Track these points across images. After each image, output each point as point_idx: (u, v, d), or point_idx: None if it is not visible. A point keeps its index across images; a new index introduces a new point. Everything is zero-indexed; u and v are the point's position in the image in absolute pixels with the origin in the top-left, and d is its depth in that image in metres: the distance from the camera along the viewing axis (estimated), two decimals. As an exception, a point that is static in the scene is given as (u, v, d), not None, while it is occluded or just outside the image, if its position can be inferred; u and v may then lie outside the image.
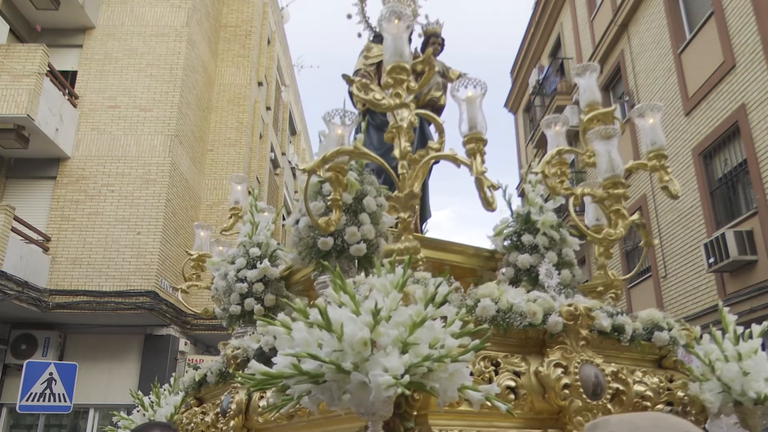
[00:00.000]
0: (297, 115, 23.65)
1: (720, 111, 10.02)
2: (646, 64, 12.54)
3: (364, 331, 1.43)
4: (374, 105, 2.57)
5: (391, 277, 1.61)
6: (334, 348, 1.45)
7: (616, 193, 2.78)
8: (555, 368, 2.15)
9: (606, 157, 2.78)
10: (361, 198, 2.77)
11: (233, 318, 3.44)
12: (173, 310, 11.29)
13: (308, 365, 1.45)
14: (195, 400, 3.45)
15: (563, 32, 17.63)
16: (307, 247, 2.80)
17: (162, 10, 12.74)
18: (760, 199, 8.93)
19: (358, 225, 2.71)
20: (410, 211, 2.54)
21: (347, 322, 1.46)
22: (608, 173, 2.77)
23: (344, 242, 2.71)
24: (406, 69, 2.55)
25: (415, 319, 1.49)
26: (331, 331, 1.45)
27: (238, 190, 4.16)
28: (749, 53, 9.31)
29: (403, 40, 2.57)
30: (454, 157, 2.56)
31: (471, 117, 2.48)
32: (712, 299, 10.00)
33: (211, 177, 13.64)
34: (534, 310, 2.19)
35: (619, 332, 2.42)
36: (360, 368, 1.43)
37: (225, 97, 14.54)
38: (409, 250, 2.44)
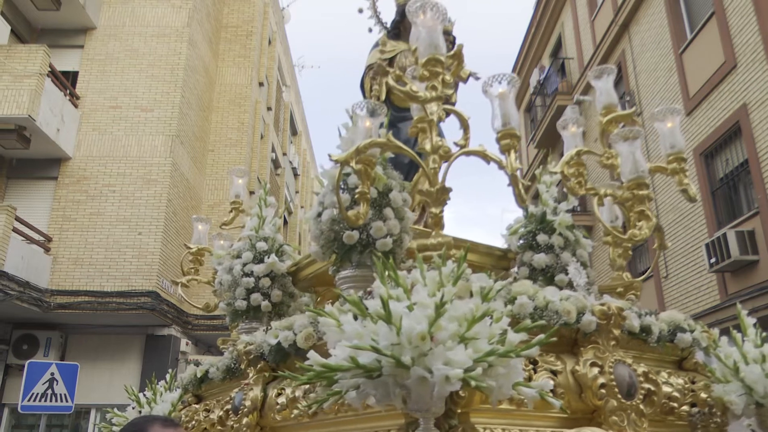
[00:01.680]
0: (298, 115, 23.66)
1: (721, 111, 10.01)
2: (647, 64, 12.53)
3: (423, 325, 1.40)
4: (411, 97, 2.52)
5: (445, 271, 1.57)
6: (392, 341, 1.41)
7: (641, 195, 2.78)
8: (591, 367, 2.14)
9: (630, 158, 2.78)
10: (386, 192, 2.72)
11: (238, 313, 3.40)
12: (174, 310, 11.30)
13: (364, 358, 1.41)
14: (194, 398, 3.41)
15: (564, 32, 17.61)
16: (328, 241, 2.73)
17: (163, 11, 12.76)
18: (761, 198, 8.92)
19: (384, 219, 2.66)
20: (442, 206, 2.51)
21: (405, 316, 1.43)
22: (633, 174, 2.77)
23: (369, 237, 2.65)
24: (442, 61, 2.50)
25: (475, 313, 1.46)
26: (391, 323, 1.42)
27: (239, 184, 4.14)
28: (750, 53, 9.30)
29: (438, 32, 2.53)
30: (484, 153, 2.53)
31: (504, 113, 2.44)
32: (714, 299, 9.99)
33: (212, 177, 13.65)
34: (568, 309, 2.19)
35: (647, 333, 2.43)
36: (418, 362, 1.40)
37: (226, 97, 14.55)
38: (442, 245, 2.39)
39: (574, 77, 16.50)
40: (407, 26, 4.52)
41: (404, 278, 1.61)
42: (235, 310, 3.39)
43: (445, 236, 2.47)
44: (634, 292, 3.01)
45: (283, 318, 3.38)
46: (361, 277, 2.70)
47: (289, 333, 2.51)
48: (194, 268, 4.14)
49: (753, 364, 2.33)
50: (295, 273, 3.45)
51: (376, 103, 2.52)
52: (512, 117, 2.43)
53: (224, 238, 4.17)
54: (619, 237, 2.94)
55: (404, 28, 4.51)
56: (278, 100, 19.10)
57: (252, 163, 14.52)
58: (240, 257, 3.41)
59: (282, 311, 3.43)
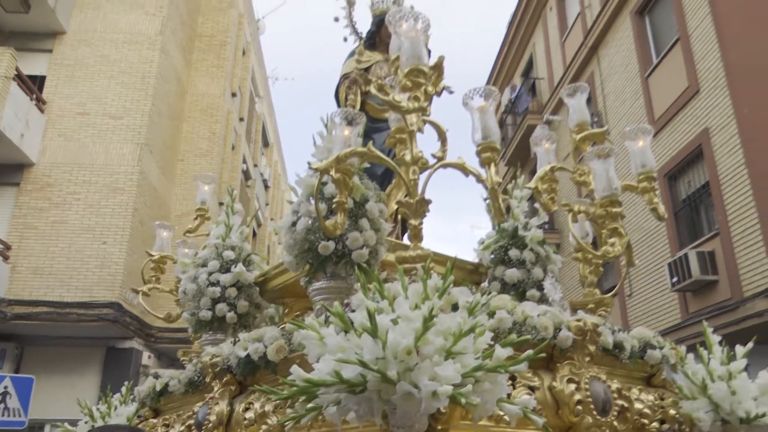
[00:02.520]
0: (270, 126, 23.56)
1: (684, 134, 10.29)
2: (615, 86, 12.83)
3: (409, 339, 1.37)
4: (394, 107, 2.50)
5: (431, 284, 1.54)
6: (378, 356, 1.37)
7: (614, 212, 2.81)
8: (568, 384, 2.15)
9: (604, 175, 2.81)
10: (363, 203, 2.68)
11: (202, 324, 3.31)
12: (137, 322, 11.06)
13: (348, 373, 1.37)
14: (151, 412, 3.29)
15: (536, 53, 17.95)
16: (303, 251, 2.67)
17: (136, 18, 12.62)
18: (721, 220, 9.17)
19: (360, 230, 2.62)
20: (421, 218, 2.48)
21: (390, 329, 1.39)
22: (606, 191, 2.80)
23: (345, 247, 2.61)
24: (425, 72, 2.49)
25: (462, 327, 1.43)
26: (377, 337, 1.38)
27: (205, 191, 4.04)
28: (713, 79, 9.60)
29: (421, 42, 2.51)
30: (463, 165, 2.52)
31: (484, 126, 2.44)
32: (675, 318, 10.20)
33: (181, 187, 13.47)
34: (546, 324, 2.18)
35: (620, 349, 2.44)
36: (404, 377, 1.36)
37: (198, 107, 14.42)
38: (422, 257, 2.36)
39: (545, 97, 16.80)
40: (383, 37, 4.52)
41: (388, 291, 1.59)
42: (199, 320, 3.30)
43: (425, 249, 2.45)
44: (605, 309, 3.04)
45: (249, 329, 3.32)
46: (336, 288, 2.65)
47: (260, 345, 2.45)
48: (155, 276, 4.02)
49: (719, 382, 2.38)
50: (262, 283, 3.38)
51: (355, 111, 2.49)
52: (492, 130, 2.43)
53: (189, 246, 4.05)
54: (592, 254, 2.97)
55: (380, 39, 4.52)
56: (251, 111, 19.00)
57: (222, 173, 14.39)
58: (206, 266, 3.32)
59: (248, 322, 3.36)
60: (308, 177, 2.76)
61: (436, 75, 2.54)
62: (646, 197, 2.92)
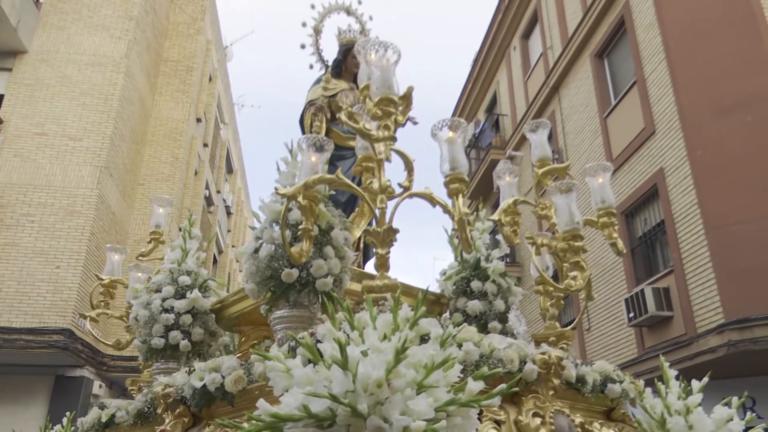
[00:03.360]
0: (235, 153, 23.40)
1: (641, 173, 10.63)
2: (575, 125, 13.21)
3: (380, 371, 1.33)
4: (364, 135, 2.49)
5: (402, 314, 1.50)
6: (348, 389, 1.33)
7: (576, 246, 2.84)
8: (534, 417, 2.13)
9: (566, 210, 2.85)
10: (328, 230, 2.63)
11: (154, 352, 3.17)
12: (89, 349, 10.67)
13: (317, 407, 1.32)
14: None
15: (499, 90, 18.40)
16: (265, 278, 2.59)
17: (101, 40, 12.49)
18: (675, 258, 9.44)
19: (324, 258, 2.56)
20: (388, 247, 2.45)
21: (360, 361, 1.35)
22: (569, 226, 2.83)
23: (309, 275, 2.54)
24: (395, 101, 2.49)
25: (435, 359, 1.39)
26: (347, 369, 1.34)
27: (160, 213, 3.91)
28: (667, 121, 9.99)
29: (391, 72, 2.53)
30: (430, 196, 2.51)
31: (452, 157, 2.44)
32: (632, 352, 10.37)
33: (140, 212, 13.20)
34: (512, 357, 2.17)
35: (582, 383, 2.45)
36: (374, 411, 1.32)
37: (161, 131, 14.26)
38: (389, 287, 2.33)
39: (508, 133, 17.18)
40: (349, 66, 4.57)
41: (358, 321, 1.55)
42: (150, 348, 3.16)
43: (392, 278, 2.42)
44: (566, 342, 3.06)
45: (203, 358, 3.20)
46: (298, 317, 2.59)
47: (217, 375, 2.37)
48: (104, 301, 3.86)
49: (677, 416, 2.41)
50: (218, 310, 3.29)
51: (324, 138, 2.48)
52: (460, 162, 2.44)
53: (142, 270, 3.92)
54: (554, 287, 3.01)
55: (346, 67, 4.57)
56: (215, 137, 18.87)
57: (184, 199, 14.18)
58: (160, 291, 3.20)
59: (202, 351, 3.25)
60: (272, 203, 2.72)
61: (405, 105, 2.56)
62: (606, 232, 2.98)
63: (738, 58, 9.33)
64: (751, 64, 9.21)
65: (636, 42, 11.04)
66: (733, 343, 8.05)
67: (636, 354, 10.22)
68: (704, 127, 9.31)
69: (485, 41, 18.72)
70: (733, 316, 8.15)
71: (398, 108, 2.52)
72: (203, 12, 16.09)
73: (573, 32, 13.26)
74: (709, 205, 8.92)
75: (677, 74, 9.80)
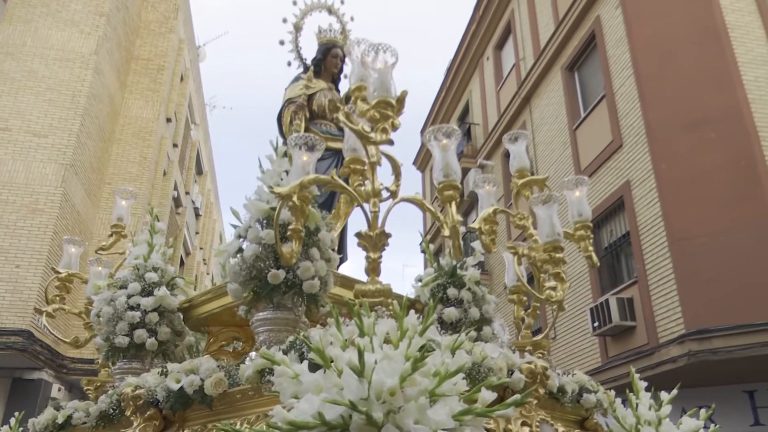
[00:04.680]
0: (205, 154, 23.12)
1: (608, 185, 10.83)
2: (545, 136, 13.41)
3: (394, 379, 1.30)
4: (363, 137, 2.46)
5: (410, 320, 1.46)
6: (362, 396, 1.30)
7: (557, 257, 2.87)
8: (522, 426, 2.15)
9: (548, 221, 2.89)
10: (315, 232, 2.59)
11: (117, 350, 3.05)
12: (48, 351, 10.40)
13: (330, 414, 1.29)
14: None
15: (471, 99, 18.58)
16: (249, 278, 2.52)
17: (69, 35, 12.24)
18: (639, 269, 9.63)
19: (311, 260, 2.52)
20: (380, 251, 2.42)
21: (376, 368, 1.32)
22: (550, 237, 2.86)
23: (296, 277, 2.49)
24: (393, 105, 2.47)
25: (449, 368, 1.37)
26: (363, 376, 1.30)
27: (123, 206, 3.77)
28: (634, 135, 10.21)
29: (389, 75, 2.51)
30: (421, 202, 2.50)
31: (445, 165, 2.42)
32: (596, 361, 10.53)
33: (106, 211, 12.94)
34: (500, 366, 2.18)
35: (563, 393, 2.48)
36: (389, 420, 1.30)
37: (130, 130, 14.01)
38: (381, 292, 2.30)
39: (479, 142, 17.34)
40: (328, 66, 4.54)
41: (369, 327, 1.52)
42: (114, 346, 3.04)
43: (383, 283, 2.39)
44: (542, 351, 3.08)
45: (168, 358, 3.13)
46: (283, 319, 2.54)
47: (195, 377, 2.30)
48: (60, 296, 3.69)
49: (647, 427, 2.45)
50: (186, 310, 3.20)
51: (316, 137, 2.44)
52: (453, 169, 2.42)
53: (103, 265, 3.76)
54: (536, 297, 3.03)
55: (325, 67, 4.54)
56: (185, 138, 18.62)
57: (152, 199, 13.94)
58: (125, 287, 3.10)
59: (168, 351, 3.15)
60: (258, 201, 2.66)
61: (397, 109, 2.54)
62: (582, 245, 3.01)
63: (703, 76, 9.59)
64: (715, 82, 9.49)
65: (606, 57, 11.27)
66: (693, 353, 8.24)
67: (600, 363, 10.38)
68: (670, 142, 9.54)
69: (459, 51, 18.90)
70: (694, 327, 8.35)
71: (396, 111, 2.48)
72: (176, 10, 15.90)
73: (545, 45, 13.48)
74: (673, 218, 9.13)
75: (644, 89, 10.03)
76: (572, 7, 12.37)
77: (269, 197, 2.64)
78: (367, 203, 2.48)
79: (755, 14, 10.13)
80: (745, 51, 9.73)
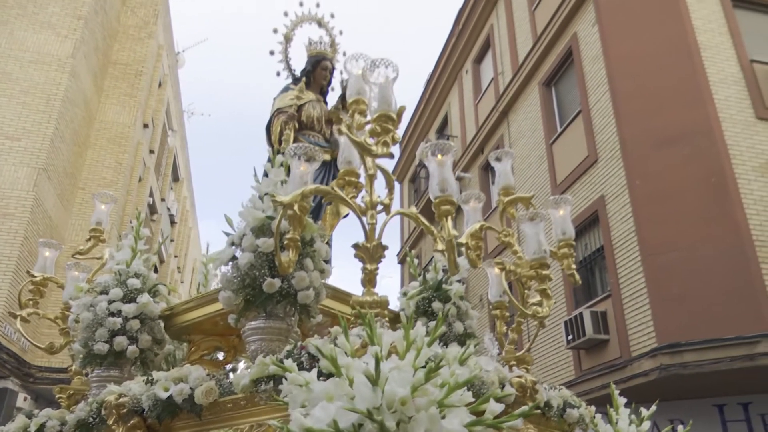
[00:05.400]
0: (182, 161, 22.91)
1: (583, 200, 10.98)
2: (522, 150, 13.56)
3: (406, 389, 1.31)
4: (365, 150, 2.47)
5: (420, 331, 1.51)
6: (375, 405, 1.30)
7: (543, 274, 2.91)
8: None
9: (535, 239, 2.93)
10: (310, 242, 2.59)
11: (95, 357, 2.99)
12: (15, 360, 10.15)
13: (343, 422, 1.29)
14: None
15: (450, 111, 18.72)
16: (242, 287, 2.50)
17: (46, 38, 12.07)
18: (613, 283, 9.76)
19: (306, 270, 2.52)
20: (377, 263, 2.42)
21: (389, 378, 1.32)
22: (537, 254, 2.91)
23: (291, 286, 2.48)
24: (393, 119, 2.49)
25: (458, 379, 1.37)
26: (377, 385, 1.31)
27: (102, 210, 3.71)
28: (609, 150, 10.37)
29: (390, 89, 2.53)
30: (416, 216, 2.50)
31: (442, 180, 2.42)
32: (570, 374, 10.62)
33: (79, 217, 12.73)
34: (492, 379, 2.18)
35: (549, 407, 2.51)
36: (402, 429, 1.30)
37: (105, 135, 13.84)
38: (378, 303, 2.30)
39: (457, 154, 17.46)
40: (317, 78, 4.55)
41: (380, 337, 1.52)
42: (92, 353, 2.98)
43: (379, 295, 2.40)
44: (526, 366, 3.11)
45: (148, 367, 3.09)
46: (276, 329, 2.51)
47: (185, 386, 2.28)
48: (34, 299, 3.61)
49: None
50: (168, 318, 3.17)
51: (314, 148, 2.44)
52: (450, 183, 2.43)
53: (81, 269, 3.70)
54: (524, 312, 3.06)
55: (314, 78, 4.54)
56: (162, 144, 18.43)
57: (126, 206, 13.75)
58: (106, 293, 3.05)
59: (147, 359, 3.10)
60: (253, 209, 2.64)
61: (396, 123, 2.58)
62: (565, 263, 3.06)
63: (676, 94, 9.80)
64: (688, 99, 9.70)
65: (582, 73, 11.46)
66: (665, 367, 8.35)
67: (574, 376, 10.46)
68: (643, 158, 9.71)
69: (438, 63, 19.06)
70: (665, 341, 8.47)
71: (396, 126, 2.52)
72: (156, 16, 15.79)
73: (523, 60, 13.66)
74: (646, 233, 9.28)
75: (619, 106, 10.21)
76: (550, 23, 12.57)
77: (264, 205, 2.63)
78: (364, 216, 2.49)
79: (726, 35, 10.40)
80: (716, 71, 9.98)
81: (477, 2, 16.48)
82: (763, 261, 8.50)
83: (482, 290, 13.37)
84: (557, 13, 12.31)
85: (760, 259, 8.50)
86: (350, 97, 2.61)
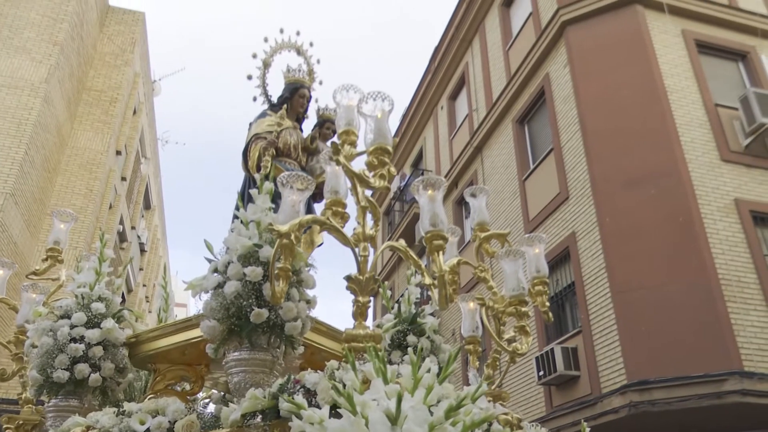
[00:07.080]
0: (154, 189, 22.65)
1: (554, 236, 11.12)
2: (496, 185, 13.74)
3: (424, 428, 1.29)
4: (363, 182, 2.45)
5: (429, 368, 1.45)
6: None
7: (522, 311, 2.93)
8: None
9: (514, 276, 2.95)
10: (297, 272, 2.54)
11: (53, 386, 2.84)
12: (-29, 391, 9.76)
13: None
14: None
15: (426, 146, 18.94)
16: (228, 317, 2.42)
17: (20, 62, 11.96)
18: (584, 319, 9.84)
19: (292, 300, 2.46)
20: (369, 296, 2.39)
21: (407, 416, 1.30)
22: (516, 291, 2.93)
23: (278, 317, 2.41)
24: (390, 151, 2.48)
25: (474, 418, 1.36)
26: (396, 424, 1.29)
27: (61, 229, 3.56)
28: (580, 188, 10.57)
29: (386, 122, 2.53)
30: (405, 249, 2.49)
31: (433, 214, 2.43)
32: (541, 410, 10.59)
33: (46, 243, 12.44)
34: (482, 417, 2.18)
35: None
36: None
37: (77, 161, 13.65)
38: (371, 336, 2.27)
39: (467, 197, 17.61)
40: (294, 105, 4.54)
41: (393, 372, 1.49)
42: (51, 381, 2.83)
43: (371, 328, 2.38)
44: (502, 402, 3.10)
45: (108, 396, 2.98)
46: (260, 360, 2.44)
47: (163, 419, 2.20)
48: None
49: None
50: (133, 345, 3.05)
51: (307, 177, 2.44)
52: (440, 218, 2.43)
53: (38, 291, 3.53)
54: (503, 349, 3.06)
55: (291, 106, 4.53)
56: (135, 172, 18.24)
57: (95, 233, 13.50)
58: (68, 317, 2.91)
59: (108, 388, 2.98)
60: (241, 237, 2.59)
61: None
62: (539, 300, 3.08)
63: (645, 135, 10.08)
64: (655, 140, 9.98)
65: (554, 112, 11.74)
66: (634, 404, 8.38)
67: (545, 412, 10.43)
68: (613, 197, 9.91)
69: (414, 98, 19.34)
70: (635, 378, 8.52)
71: (392, 157, 2.52)
72: (133, 44, 15.79)
73: (497, 98, 13.95)
74: (616, 270, 9.41)
75: (590, 145, 10.45)
76: (523, 63, 12.89)
77: (249, 233, 2.60)
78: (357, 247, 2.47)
79: (692, 79, 10.79)
80: (683, 113, 10.31)
81: (453, 40, 16.85)
82: (729, 299, 8.67)
83: (454, 324, 13.34)
84: (530, 53, 12.65)
85: (726, 298, 8.67)
86: (340, 128, 2.59)
